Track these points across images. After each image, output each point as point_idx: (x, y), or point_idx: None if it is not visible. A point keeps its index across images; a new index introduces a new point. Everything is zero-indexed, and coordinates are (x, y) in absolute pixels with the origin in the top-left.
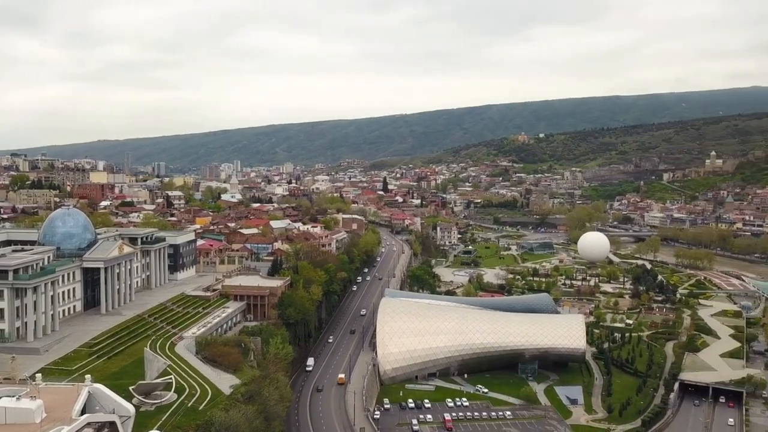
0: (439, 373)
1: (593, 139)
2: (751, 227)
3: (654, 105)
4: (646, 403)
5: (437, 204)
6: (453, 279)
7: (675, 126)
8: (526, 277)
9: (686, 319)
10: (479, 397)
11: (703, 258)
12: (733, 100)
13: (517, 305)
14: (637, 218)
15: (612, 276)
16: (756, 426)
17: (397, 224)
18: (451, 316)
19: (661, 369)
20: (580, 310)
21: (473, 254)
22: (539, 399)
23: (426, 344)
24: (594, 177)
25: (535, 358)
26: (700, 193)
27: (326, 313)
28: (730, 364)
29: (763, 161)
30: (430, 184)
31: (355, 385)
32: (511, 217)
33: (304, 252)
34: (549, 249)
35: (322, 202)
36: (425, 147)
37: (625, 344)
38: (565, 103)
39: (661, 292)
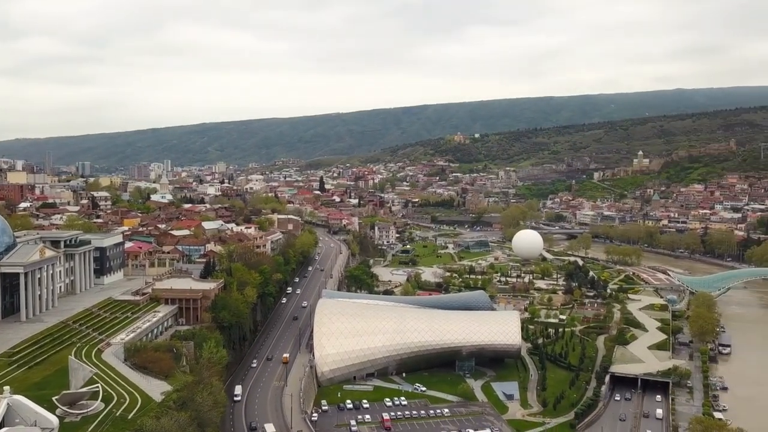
0: (378, 373)
1: (527, 139)
2: (676, 224)
3: (585, 106)
4: (579, 395)
5: (375, 203)
6: (391, 278)
7: (605, 126)
8: (462, 275)
9: (616, 314)
10: (417, 395)
11: (631, 254)
12: (659, 102)
13: (454, 303)
14: (569, 216)
15: (545, 273)
16: (681, 414)
17: (334, 224)
18: (389, 316)
19: (593, 362)
20: (515, 307)
21: (411, 253)
22: (476, 395)
23: (364, 344)
24: (528, 176)
25: (472, 355)
26: (629, 191)
27: (261, 315)
28: (657, 355)
29: (686, 161)
30: (368, 184)
31: (292, 387)
32: (448, 216)
33: (237, 253)
34: (485, 247)
35: (257, 203)
36: (362, 146)
37: (558, 339)
38: (500, 104)
39: (592, 288)
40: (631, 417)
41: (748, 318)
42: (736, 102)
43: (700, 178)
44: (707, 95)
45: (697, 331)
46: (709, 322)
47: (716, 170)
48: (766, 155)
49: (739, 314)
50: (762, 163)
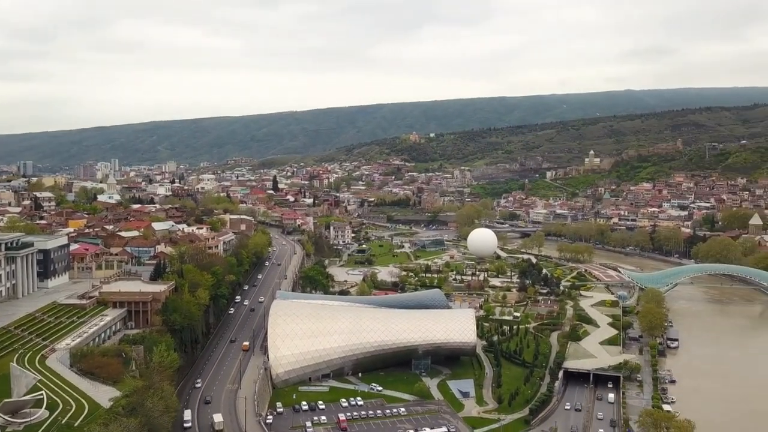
0: (334, 374)
1: (481, 138)
2: (626, 222)
3: (538, 106)
4: (533, 391)
5: (330, 203)
6: (347, 278)
7: (557, 126)
8: (418, 274)
9: (569, 310)
10: (374, 395)
11: (583, 251)
12: (609, 103)
13: (410, 302)
14: (522, 215)
15: (500, 270)
16: (632, 407)
17: (288, 224)
18: (345, 316)
19: (546, 358)
20: (471, 305)
21: (367, 253)
22: (432, 394)
23: (319, 345)
24: (482, 175)
25: (428, 353)
26: (580, 190)
27: (214, 317)
28: (608, 350)
29: (635, 160)
30: (323, 183)
31: (246, 390)
32: (404, 216)
33: (189, 255)
34: (440, 246)
35: (208, 203)
36: (317, 145)
37: (513, 336)
38: (454, 104)
39: (545, 285)
40: (583, 411)
41: (694, 312)
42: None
43: (648, 177)
44: (655, 96)
45: (646, 326)
46: (658, 317)
47: (664, 169)
48: (710, 155)
49: (686, 309)
50: (707, 162)
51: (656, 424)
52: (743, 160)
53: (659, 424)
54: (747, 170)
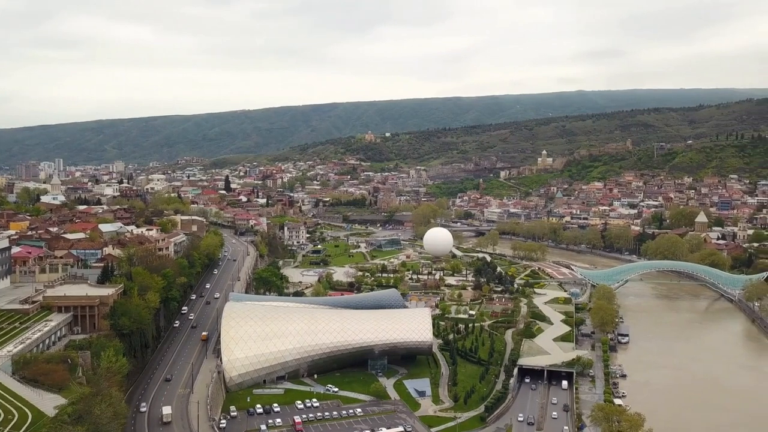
0: (289, 376)
1: (436, 138)
2: (578, 220)
3: (492, 106)
4: (489, 389)
5: (284, 203)
6: (302, 279)
7: (510, 126)
8: (375, 274)
9: (523, 308)
10: (330, 396)
11: (536, 250)
12: (561, 103)
13: (366, 302)
14: (477, 214)
15: (455, 269)
16: (584, 402)
17: (241, 225)
18: (300, 317)
19: (501, 356)
20: (427, 304)
21: (322, 253)
22: (389, 394)
23: (274, 347)
24: (437, 175)
25: (385, 353)
26: (534, 189)
27: (165, 320)
28: (561, 347)
29: (587, 159)
30: (277, 183)
31: (199, 394)
32: (360, 215)
33: (138, 257)
34: (397, 245)
35: (158, 203)
36: (270, 144)
37: (468, 334)
38: (410, 104)
39: (500, 283)
40: (538, 407)
41: (644, 308)
42: (632, 104)
43: (599, 176)
44: (606, 97)
45: (598, 322)
46: (609, 314)
47: (614, 169)
48: (658, 155)
49: (636, 305)
50: (655, 162)
51: (608, 418)
52: (689, 159)
53: (610, 417)
54: (693, 169)
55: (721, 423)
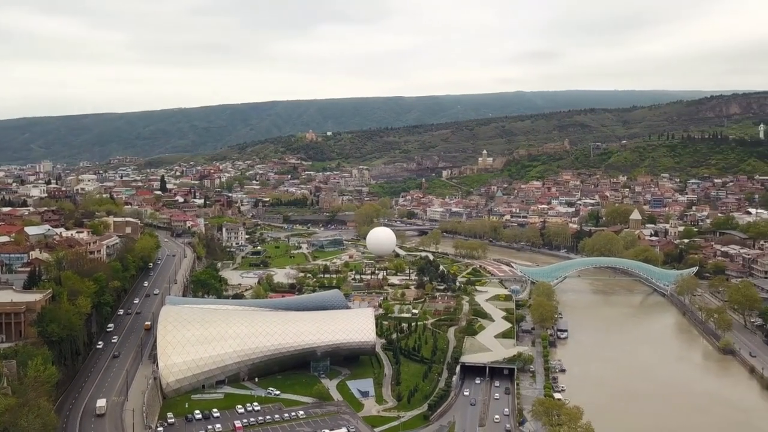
0: (229, 380)
1: (378, 138)
2: (518, 219)
3: (433, 106)
4: (432, 387)
5: (222, 203)
6: (241, 281)
7: (451, 126)
8: (317, 275)
9: (465, 305)
10: (271, 399)
11: (478, 248)
12: (500, 104)
13: (308, 303)
14: (420, 213)
15: (399, 269)
16: (525, 397)
17: (177, 226)
18: (240, 320)
19: (444, 354)
20: (370, 304)
21: (263, 255)
22: (332, 395)
23: (213, 351)
24: (380, 174)
25: (327, 354)
26: (475, 188)
27: (97, 326)
28: (503, 343)
29: (526, 159)
30: (215, 183)
31: (134, 402)
32: (301, 215)
33: (68, 261)
34: (339, 245)
35: (89, 205)
36: (208, 143)
37: (412, 333)
38: (351, 102)
39: (443, 282)
40: (480, 403)
41: (581, 304)
42: (568, 105)
43: (538, 176)
44: (544, 98)
45: (538, 318)
46: (549, 310)
47: (552, 168)
48: (595, 154)
49: (574, 300)
50: (591, 161)
51: (548, 412)
52: (624, 159)
53: (550, 412)
54: (627, 168)
55: (654, 411)
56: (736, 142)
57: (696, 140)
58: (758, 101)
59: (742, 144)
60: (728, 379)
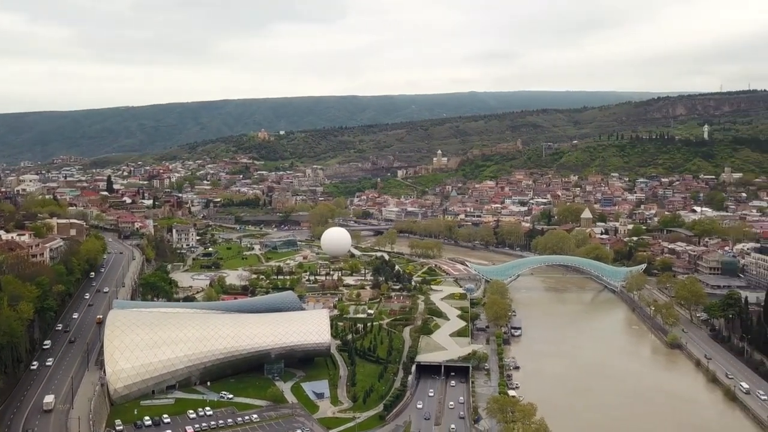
0: (180, 385)
1: (333, 137)
2: (472, 218)
3: (387, 106)
4: (388, 387)
5: (172, 204)
6: (192, 284)
7: (406, 126)
8: (270, 276)
9: (421, 305)
10: (224, 404)
11: (433, 247)
12: (454, 104)
13: (261, 305)
14: (375, 213)
15: (354, 269)
16: (480, 395)
17: (125, 228)
18: (191, 323)
19: (400, 354)
20: (325, 305)
21: (214, 256)
22: (286, 398)
23: (163, 356)
24: (335, 174)
25: (282, 357)
26: (430, 188)
27: (40, 333)
28: (458, 342)
29: (479, 159)
30: (164, 183)
31: (80, 410)
32: (254, 216)
33: (8, 264)
34: (293, 246)
35: (31, 206)
36: (157, 143)
37: (367, 334)
38: (305, 101)
39: (398, 281)
40: (435, 402)
41: (535, 301)
42: (521, 105)
43: (492, 175)
44: (497, 98)
45: (492, 316)
46: (503, 308)
47: (505, 168)
48: (546, 154)
49: (528, 298)
50: (543, 161)
51: (502, 409)
52: (575, 158)
53: (505, 409)
54: (578, 168)
55: (605, 404)
56: (682, 142)
57: (644, 140)
58: (702, 103)
59: (687, 144)
60: (675, 372)
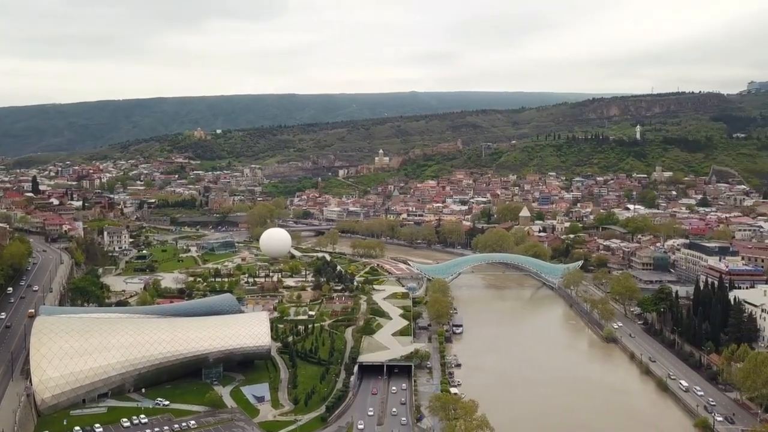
0: (113, 392)
1: (272, 136)
2: (414, 217)
3: (328, 105)
4: (330, 389)
5: (104, 205)
6: (126, 288)
7: (347, 125)
8: (207, 279)
9: (363, 305)
10: (160, 410)
11: (375, 247)
12: (395, 103)
13: (199, 309)
14: (316, 213)
15: (294, 270)
16: (423, 393)
17: (52, 230)
18: (124, 329)
19: (342, 355)
20: (264, 307)
21: (148, 259)
22: (225, 402)
23: (94, 363)
24: (274, 174)
25: (220, 361)
26: (371, 187)
27: None
28: (400, 341)
29: (421, 159)
30: (95, 184)
31: (4, 422)
32: (190, 217)
33: None
34: (231, 248)
35: None
36: (86, 141)
37: (308, 335)
38: (242, 99)
39: (340, 282)
40: (378, 402)
41: (475, 298)
42: (461, 105)
43: (433, 175)
44: (437, 98)
45: (434, 314)
46: (444, 306)
47: (446, 167)
48: (486, 154)
49: (469, 296)
50: (483, 161)
51: (444, 407)
52: (513, 158)
53: (447, 407)
54: (517, 167)
55: (544, 397)
56: (615, 142)
57: (580, 140)
58: (635, 104)
59: (621, 144)
60: (611, 364)
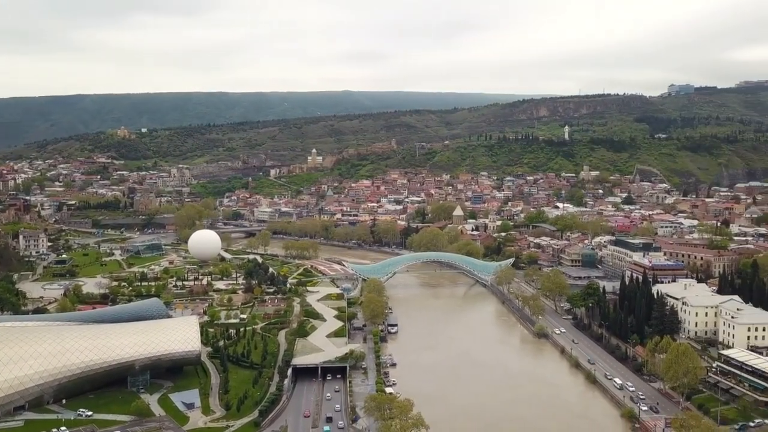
0: (30, 405)
1: (200, 135)
2: (349, 217)
3: (259, 103)
4: (263, 393)
5: (19, 208)
6: (44, 294)
7: (279, 124)
8: (133, 283)
9: (296, 307)
10: (82, 422)
11: (309, 248)
12: (329, 102)
13: (124, 315)
14: (247, 214)
15: (225, 273)
16: (358, 394)
17: None
18: (43, 337)
19: (275, 358)
20: (194, 311)
21: (68, 263)
22: (153, 410)
23: (9, 374)
24: (202, 174)
25: (147, 368)
26: (305, 187)
27: None
28: (335, 342)
29: (355, 158)
30: (8, 185)
31: None
32: (114, 219)
33: None
34: (158, 251)
35: None
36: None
37: (240, 339)
38: (169, 97)
39: (272, 284)
40: (313, 404)
41: (410, 298)
42: (395, 105)
43: (368, 174)
44: (371, 98)
45: (369, 315)
46: (379, 306)
47: (381, 167)
48: (420, 154)
49: (404, 295)
50: (417, 160)
51: (380, 407)
52: (447, 158)
53: (382, 407)
54: (450, 167)
55: (477, 392)
56: (545, 142)
57: (510, 141)
58: (563, 105)
59: (550, 144)
60: (542, 359)
